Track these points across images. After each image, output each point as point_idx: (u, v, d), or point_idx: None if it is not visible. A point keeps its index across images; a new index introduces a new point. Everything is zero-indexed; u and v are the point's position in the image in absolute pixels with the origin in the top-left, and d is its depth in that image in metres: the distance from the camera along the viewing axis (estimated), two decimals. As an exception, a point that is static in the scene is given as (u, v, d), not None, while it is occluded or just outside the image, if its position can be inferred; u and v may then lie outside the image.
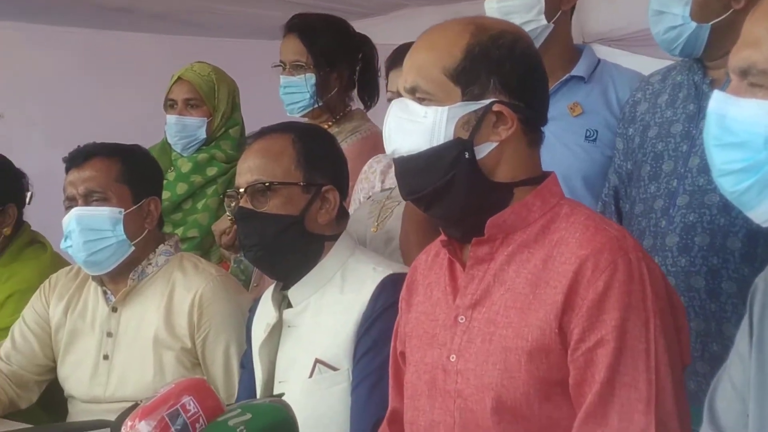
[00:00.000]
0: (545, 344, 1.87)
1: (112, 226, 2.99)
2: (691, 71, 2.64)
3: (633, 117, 2.78)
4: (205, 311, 2.99)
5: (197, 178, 3.90)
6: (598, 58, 3.13)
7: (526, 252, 1.94)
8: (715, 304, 2.50)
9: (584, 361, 1.85)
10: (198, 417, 1.74)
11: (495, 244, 1.97)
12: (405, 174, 2.01)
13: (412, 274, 2.20)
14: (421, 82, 1.95)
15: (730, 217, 2.47)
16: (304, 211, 2.54)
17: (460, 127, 1.93)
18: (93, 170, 3.01)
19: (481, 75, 1.94)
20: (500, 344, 1.91)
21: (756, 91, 1.55)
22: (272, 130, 2.64)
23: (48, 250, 3.56)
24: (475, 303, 1.97)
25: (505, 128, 1.94)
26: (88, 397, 3.11)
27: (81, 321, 3.16)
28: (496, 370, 1.90)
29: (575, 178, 2.96)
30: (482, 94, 1.94)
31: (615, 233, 1.91)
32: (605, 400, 1.82)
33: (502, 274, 1.95)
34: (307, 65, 3.64)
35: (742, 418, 1.66)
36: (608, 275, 1.84)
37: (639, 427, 1.81)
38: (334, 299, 2.52)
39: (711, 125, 1.61)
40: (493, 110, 1.93)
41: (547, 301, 1.88)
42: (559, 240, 1.92)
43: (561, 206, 1.98)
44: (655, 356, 1.83)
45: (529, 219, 1.96)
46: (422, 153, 1.94)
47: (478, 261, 1.99)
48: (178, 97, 3.90)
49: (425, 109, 1.94)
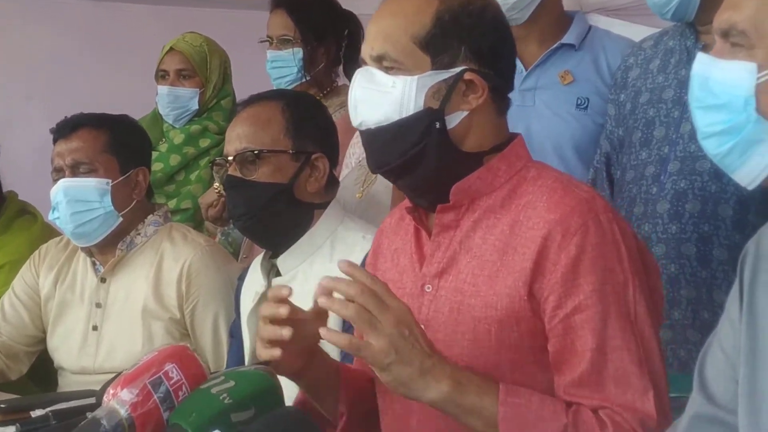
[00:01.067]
0: (515, 312, 1.83)
1: (99, 197, 2.98)
2: (683, 36, 2.62)
3: (624, 83, 2.76)
4: (193, 281, 2.98)
5: (190, 149, 3.88)
6: (589, 25, 3.13)
7: (492, 218, 1.90)
8: (706, 271, 2.50)
9: (563, 329, 1.81)
10: (181, 384, 1.73)
11: (461, 211, 1.93)
12: (373, 146, 1.96)
13: (378, 238, 2.17)
14: (389, 50, 1.89)
15: (722, 183, 2.46)
16: (293, 179, 2.53)
17: (431, 96, 1.88)
18: (80, 141, 3.00)
19: (452, 42, 1.88)
20: (469, 314, 1.87)
21: (737, 52, 1.54)
22: (261, 98, 2.62)
23: (38, 220, 3.55)
24: (442, 271, 1.93)
25: (475, 97, 1.90)
26: (78, 368, 3.11)
27: (70, 292, 3.16)
28: (466, 340, 1.87)
29: (567, 147, 2.96)
30: (453, 62, 1.88)
31: (584, 195, 1.86)
32: (598, 367, 1.79)
33: (469, 241, 1.91)
34: (295, 40, 3.63)
35: (732, 384, 1.65)
36: (580, 238, 1.80)
37: (637, 389, 1.78)
38: (324, 267, 2.51)
39: (694, 88, 1.60)
40: (463, 78, 1.89)
41: (515, 269, 1.84)
42: (527, 204, 1.87)
43: (528, 169, 1.94)
44: (638, 318, 1.81)
45: (495, 183, 1.92)
46: (391, 124, 1.89)
47: (443, 228, 1.94)
48: (170, 67, 3.88)
49: (393, 79, 1.88)
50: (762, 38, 1.51)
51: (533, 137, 2.98)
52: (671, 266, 2.53)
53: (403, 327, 1.72)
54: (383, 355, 1.70)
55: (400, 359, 1.71)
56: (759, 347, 1.59)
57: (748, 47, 1.52)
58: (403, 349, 1.71)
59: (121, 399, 1.70)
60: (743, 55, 1.53)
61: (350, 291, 1.69)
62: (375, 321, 1.69)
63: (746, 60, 1.52)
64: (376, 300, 1.70)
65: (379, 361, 1.71)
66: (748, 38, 1.52)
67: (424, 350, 1.74)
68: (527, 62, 3.05)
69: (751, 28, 1.51)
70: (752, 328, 1.61)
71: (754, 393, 1.59)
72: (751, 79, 1.51)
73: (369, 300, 1.69)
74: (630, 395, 1.78)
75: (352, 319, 1.69)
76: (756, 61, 1.51)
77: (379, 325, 1.69)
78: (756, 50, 1.52)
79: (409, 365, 1.72)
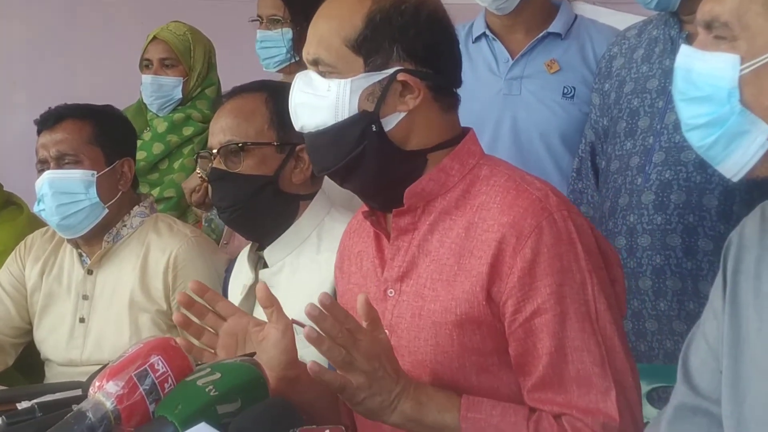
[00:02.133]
0: (474, 317, 1.83)
1: (84, 188, 2.96)
2: (667, 25, 2.62)
3: (609, 72, 2.76)
4: (180, 273, 2.97)
5: (173, 138, 3.88)
6: (575, 14, 3.13)
7: (448, 220, 1.89)
8: (691, 262, 2.50)
9: (524, 332, 1.81)
10: (167, 376, 1.72)
11: (416, 213, 1.92)
12: (315, 150, 1.96)
13: (343, 240, 2.17)
14: (322, 54, 1.88)
15: (707, 174, 2.46)
16: (278, 171, 2.52)
17: (365, 99, 1.87)
18: (65, 132, 2.98)
19: (384, 43, 1.87)
20: (429, 319, 1.87)
21: (720, 44, 1.54)
22: (245, 90, 2.61)
23: (24, 211, 3.52)
24: (402, 275, 1.92)
25: (412, 97, 1.88)
26: (65, 360, 3.10)
27: (57, 284, 3.14)
28: (429, 346, 1.87)
29: (553, 136, 2.97)
30: (385, 63, 1.87)
31: (537, 194, 1.84)
32: (559, 369, 1.79)
33: (426, 245, 1.91)
34: (285, 19, 3.62)
35: (716, 375, 1.65)
36: (534, 240, 1.79)
37: (599, 390, 1.78)
38: (311, 259, 2.51)
39: (678, 80, 1.60)
40: (398, 79, 1.87)
41: (472, 272, 1.83)
42: (481, 205, 1.86)
43: (480, 167, 1.92)
44: (599, 316, 1.81)
45: (448, 184, 1.91)
46: (329, 128, 1.88)
47: (401, 232, 1.94)
48: (154, 56, 3.87)
49: (328, 83, 1.87)
50: (745, 30, 1.51)
51: (520, 126, 3.00)
52: (656, 257, 2.53)
53: (374, 361, 1.75)
54: (360, 392, 1.76)
55: (372, 393, 1.76)
56: (742, 337, 1.60)
57: (731, 39, 1.52)
58: (376, 383, 1.76)
59: (107, 391, 1.70)
60: (726, 47, 1.53)
61: (326, 327, 1.71)
62: (350, 359, 1.73)
63: (729, 52, 1.52)
64: (349, 338, 1.73)
65: (356, 397, 1.77)
66: (731, 30, 1.52)
67: (392, 377, 1.78)
68: (513, 51, 3.05)
69: (734, 20, 1.51)
70: (735, 318, 1.62)
71: (737, 383, 1.59)
72: (734, 71, 1.51)
73: (343, 339, 1.72)
74: (592, 396, 1.79)
75: (329, 358, 1.74)
76: (739, 53, 1.51)
77: (355, 363, 1.74)
78: (739, 42, 1.52)
79: (379, 395, 1.77)
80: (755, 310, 1.60)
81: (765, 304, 1.59)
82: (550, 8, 3.08)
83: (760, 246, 1.63)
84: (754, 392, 1.57)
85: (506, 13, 3.00)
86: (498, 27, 3.09)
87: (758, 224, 1.65)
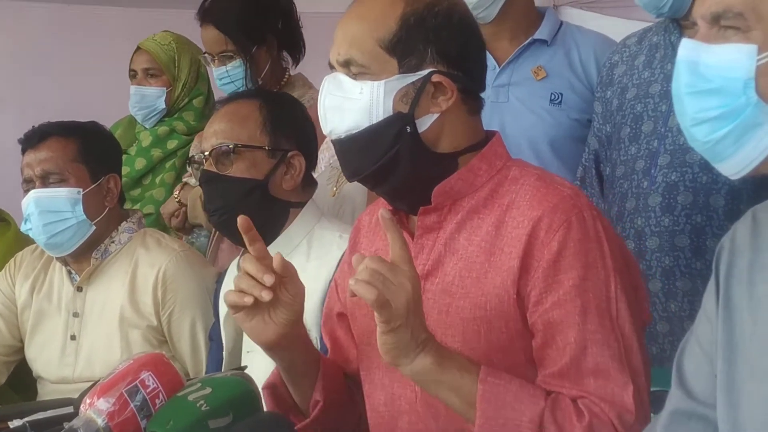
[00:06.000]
0: (504, 313, 1.83)
1: (71, 206, 2.96)
2: (667, 31, 2.63)
3: (611, 79, 2.77)
4: (169, 288, 2.97)
5: (157, 151, 3.85)
6: (560, 21, 3.13)
7: (476, 218, 1.90)
8: (700, 262, 2.51)
9: (544, 323, 1.81)
10: (158, 392, 1.72)
11: (443, 212, 1.92)
12: (347, 154, 1.95)
13: (355, 236, 2.16)
14: (355, 55, 1.87)
15: (713, 174, 2.46)
16: (268, 176, 2.53)
17: (399, 100, 1.86)
18: (49, 151, 2.98)
19: (418, 45, 1.87)
20: (457, 315, 1.87)
21: (730, 35, 1.50)
22: (239, 96, 2.67)
23: (12, 227, 3.52)
24: (428, 273, 1.92)
25: (444, 99, 1.89)
26: (57, 378, 3.10)
27: (47, 301, 3.14)
28: (456, 342, 1.85)
29: (542, 142, 2.97)
30: (419, 64, 1.87)
31: (568, 191, 1.86)
32: (578, 361, 1.79)
33: (453, 243, 1.90)
34: (235, 52, 3.49)
35: (710, 378, 1.65)
36: (562, 234, 1.80)
37: (617, 383, 1.78)
38: (300, 267, 2.47)
39: (682, 73, 1.56)
40: (431, 81, 1.87)
41: (503, 268, 1.83)
42: (510, 203, 1.87)
43: (508, 168, 1.93)
44: (619, 315, 1.81)
45: (476, 184, 1.91)
46: (362, 131, 1.88)
47: (426, 230, 1.94)
48: (138, 67, 3.85)
49: (360, 85, 1.87)
50: (760, 20, 1.48)
51: (507, 133, 2.97)
52: (666, 259, 2.54)
53: (415, 292, 1.72)
54: (399, 314, 1.70)
55: (407, 323, 1.71)
56: (735, 341, 1.60)
57: (745, 30, 1.49)
58: (411, 314, 1.71)
59: (98, 408, 1.70)
60: (738, 38, 1.49)
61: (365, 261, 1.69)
62: (390, 282, 1.68)
63: (743, 42, 1.49)
64: (390, 265, 1.70)
65: (394, 320, 1.70)
66: (746, 20, 1.49)
67: (423, 322, 1.75)
68: (500, 59, 3.05)
69: (749, 9, 1.48)
70: (728, 322, 1.62)
71: (731, 387, 1.59)
72: (751, 61, 1.48)
73: (383, 265, 1.69)
74: (609, 388, 1.78)
75: (369, 281, 1.68)
76: (755, 43, 1.48)
77: (398, 285, 1.69)
78: (753, 32, 1.48)
79: (410, 331, 1.72)
80: (749, 314, 1.59)
81: (758, 307, 1.58)
82: (535, 15, 3.08)
83: (751, 250, 1.62)
84: (748, 396, 1.56)
85: (488, 21, 3.00)
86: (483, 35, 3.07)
87: (749, 229, 1.64)
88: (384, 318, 1.69)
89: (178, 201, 3.49)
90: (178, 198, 3.50)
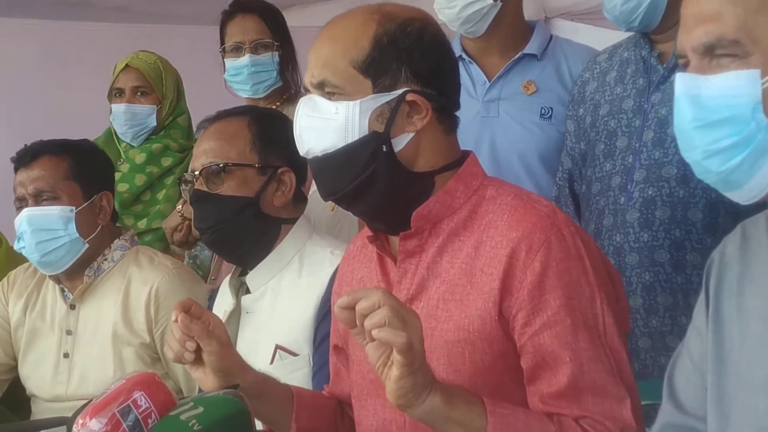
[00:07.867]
0: (487, 333, 1.83)
1: (64, 225, 2.96)
2: (637, 46, 2.64)
3: (582, 97, 2.78)
4: (161, 305, 2.96)
5: (153, 168, 3.85)
6: (550, 34, 3.14)
7: (456, 241, 1.90)
8: (680, 276, 2.51)
9: (534, 345, 1.80)
10: (150, 412, 1.71)
11: (423, 236, 1.92)
12: (323, 173, 1.94)
13: (342, 267, 2.16)
14: (329, 76, 1.88)
15: (689, 188, 2.46)
16: (259, 193, 2.53)
17: (374, 119, 1.86)
18: (41, 169, 2.98)
19: (392, 65, 1.87)
20: (442, 338, 1.86)
21: (727, 63, 1.49)
22: (228, 114, 2.63)
23: (3, 245, 3.51)
24: (412, 298, 1.91)
25: (419, 117, 1.89)
26: (51, 396, 3.09)
27: (40, 320, 3.13)
28: (441, 365, 1.85)
29: (532, 156, 2.97)
30: (394, 84, 1.87)
31: (544, 210, 1.86)
32: (575, 380, 1.79)
33: (436, 267, 1.90)
34: (272, 43, 3.64)
35: (700, 392, 1.66)
36: (543, 254, 1.79)
37: (614, 399, 1.78)
38: (292, 283, 2.51)
39: (685, 108, 1.52)
40: (406, 100, 1.87)
41: (484, 289, 1.83)
42: (488, 224, 1.87)
43: (485, 188, 1.93)
44: (607, 330, 1.81)
45: (454, 206, 1.91)
46: (338, 151, 1.88)
47: (408, 254, 1.94)
48: (126, 85, 3.83)
49: (335, 105, 1.87)
50: (757, 43, 1.47)
51: (498, 148, 3.00)
52: (645, 274, 2.54)
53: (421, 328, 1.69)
54: (420, 353, 1.66)
55: (422, 364, 1.68)
56: (725, 354, 1.60)
57: (743, 56, 1.48)
58: (422, 356, 1.68)
59: (91, 429, 1.68)
60: (737, 64, 1.48)
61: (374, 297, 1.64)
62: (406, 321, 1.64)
63: (743, 68, 1.48)
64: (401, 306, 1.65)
65: (417, 360, 1.65)
66: (742, 46, 1.48)
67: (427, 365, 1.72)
68: (490, 73, 3.05)
69: (744, 35, 1.47)
70: (718, 335, 1.63)
71: (722, 399, 1.60)
72: (756, 85, 1.47)
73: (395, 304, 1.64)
74: (608, 404, 1.78)
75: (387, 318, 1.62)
76: (756, 68, 1.47)
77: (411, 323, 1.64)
78: (752, 57, 1.47)
79: (423, 373, 1.69)
80: (738, 327, 1.60)
81: (747, 320, 1.59)
82: (525, 29, 3.09)
83: (741, 263, 1.63)
84: (738, 408, 1.57)
85: (478, 36, 3.01)
86: (473, 50, 3.09)
87: (739, 242, 1.65)
88: (408, 360, 1.65)
89: (181, 215, 3.50)
90: (181, 212, 3.50)
